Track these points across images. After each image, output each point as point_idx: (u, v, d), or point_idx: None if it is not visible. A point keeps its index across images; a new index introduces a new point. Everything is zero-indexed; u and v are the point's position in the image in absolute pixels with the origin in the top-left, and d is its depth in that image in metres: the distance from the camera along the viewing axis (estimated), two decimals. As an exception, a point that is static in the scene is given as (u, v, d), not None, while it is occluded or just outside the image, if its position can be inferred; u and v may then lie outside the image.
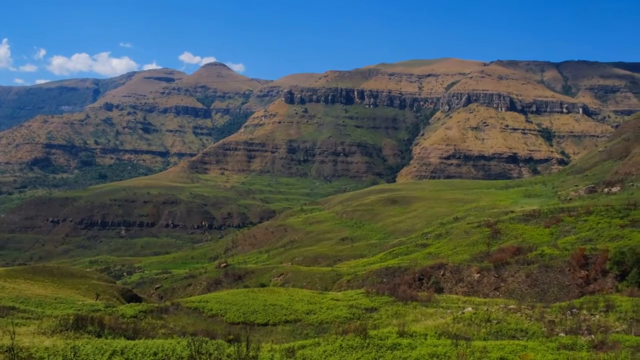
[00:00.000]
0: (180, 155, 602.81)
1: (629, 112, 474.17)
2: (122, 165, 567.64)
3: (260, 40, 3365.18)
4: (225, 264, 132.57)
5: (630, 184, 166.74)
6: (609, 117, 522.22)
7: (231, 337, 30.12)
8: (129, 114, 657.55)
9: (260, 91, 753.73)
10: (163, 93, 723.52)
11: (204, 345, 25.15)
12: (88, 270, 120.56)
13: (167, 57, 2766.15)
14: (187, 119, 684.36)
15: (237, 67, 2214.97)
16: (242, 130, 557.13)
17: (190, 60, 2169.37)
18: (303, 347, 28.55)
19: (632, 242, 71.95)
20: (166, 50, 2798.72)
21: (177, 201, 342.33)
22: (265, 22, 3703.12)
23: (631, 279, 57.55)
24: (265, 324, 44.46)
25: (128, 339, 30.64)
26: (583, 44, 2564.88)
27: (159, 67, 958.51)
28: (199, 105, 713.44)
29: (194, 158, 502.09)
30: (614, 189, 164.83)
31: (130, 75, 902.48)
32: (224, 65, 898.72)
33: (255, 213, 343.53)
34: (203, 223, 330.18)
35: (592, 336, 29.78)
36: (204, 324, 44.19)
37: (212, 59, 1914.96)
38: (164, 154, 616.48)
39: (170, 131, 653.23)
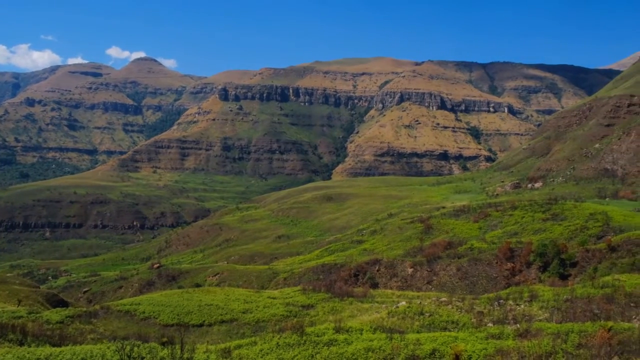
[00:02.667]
0: (110, 153, 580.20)
1: (549, 112, 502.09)
2: (46, 164, 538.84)
3: (193, 36, 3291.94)
4: (158, 265, 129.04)
5: (552, 179, 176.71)
6: (531, 116, 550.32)
7: (165, 339, 29.37)
8: (52, 109, 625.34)
9: (194, 88, 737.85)
10: (90, 88, 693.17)
11: (135, 349, 24.36)
12: (8, 275, 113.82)
13: (94, 51, 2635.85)
14: (117, 115, 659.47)
15: (169, 63, 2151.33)
16: (175, 127, 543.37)
17: (119, 55, 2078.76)
18: (239, 346, 28.25)
19: (553, 235, 76.27)
20: (92, 43, 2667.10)
21: (106, 201, 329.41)
22: (196, 16, 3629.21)
23: (552, 270, 60.98)
24: (201, 325, 43.69)
25: (54, 346, 29.24)
26: (508, 45, 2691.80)
27: (85, 62, 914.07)
28: (129, 102, 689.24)
29: (124, 156, 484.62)
30: (537, 185, 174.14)
31: (53, 69, 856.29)
32: (155, 61, 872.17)
33: (190, 212, 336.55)
34: (134, 223, 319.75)
35: (518, 325, 31.26)
36: (136, 327, 42.81)
37: (141, 54, 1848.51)
38: (92, 152, 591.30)
39: (99, 128, 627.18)
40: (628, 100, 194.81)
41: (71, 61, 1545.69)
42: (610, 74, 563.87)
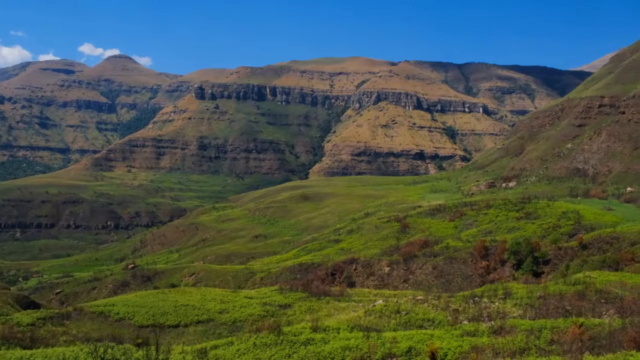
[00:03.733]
0: (83, 152, 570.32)
1: (523, 112, 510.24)
2: (16, 163, 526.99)
3: (168, 34, 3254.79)
4: (133, 265, 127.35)
5: (525, 179, 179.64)
6: (505, 116, 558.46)
7: (139, 340, 29.05)
8: (23, 107, 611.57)
9: (169, 86, 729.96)
10: (62, 86, 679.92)
11: (109, 350, 24.00)
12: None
13: (66, 47, 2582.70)
14: (90, 113, 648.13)
15: (144, 61, 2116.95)
16: (150, 126, 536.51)
17: (92, 52, 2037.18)
18: (216, 347, 28.03)
19: (526, 233, 77.59)
20: (64, 40, 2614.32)
21: (79, 200, 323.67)
22: (172, 14, 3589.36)
23: (526, 268, 62.02)
24: (177, 326, 43.22)
25: (24, 348, 28.63)
26: (483, 46, 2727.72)
27: (57, 58, 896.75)
28: (103, 100, 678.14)
29: (97, 155, 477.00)
30: (511, 184, 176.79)
31: (24, 65, 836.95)
32: (130, 58, 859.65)
33: (165, 212, 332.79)
34: (108, 223, 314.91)
35: (492, 322, 31.66)
36: (110, 328, 42.15)
37: (116, 51, 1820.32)
38: (64, 151, 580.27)
39: (71, 126, 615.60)
40: (598, 102, 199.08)
41: (42, 58, 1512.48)
42: (581, 75, 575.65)
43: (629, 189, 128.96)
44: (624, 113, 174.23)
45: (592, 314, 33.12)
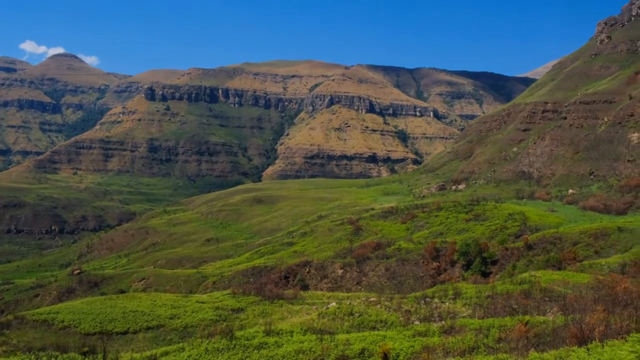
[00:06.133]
0: (25, 153, 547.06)
1: (472, 117, 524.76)
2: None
3: (116, 32, 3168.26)
4: (79, 271, 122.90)
5: (474, 181, 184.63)
6: (455, 120, 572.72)
7: (86, 349, 28.09)
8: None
9: (118, 86, 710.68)
10: (3, 84, 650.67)
11: (53, 360, 23.04)
12: None
13: (6, 45, 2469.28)
14: (33, 113, 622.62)
15: (91, 60, 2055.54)
16: (97, 127, 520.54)
17: (35, 50, 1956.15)
18: (166, 353, 27.37)
19: (475, 235, 79.69)
20: (4, 37, 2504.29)
21: (21, 204, 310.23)
22: (120, 10, 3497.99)
23: (475, 268, 63.65)
24: (125, 332, 41.99)
25: (-40, 361, 27.13)
26: (433, 51, 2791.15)
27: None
28: (47, 99, 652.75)
29: (41, 157, 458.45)
30: (460, 186, 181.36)
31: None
32: (75, 57, 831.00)
33: (113, 215, 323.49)
34: (53, 227, 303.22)
35: (443, 322, 32.25)
36: (54, 337, 40.49)
37: (60, 50, 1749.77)
38: (5, 152, 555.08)
39: (12, 127, 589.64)
40: (542, 107, 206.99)
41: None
42: (526, 81, 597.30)
43: (570, 191, 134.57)
44: (565, 118, 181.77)
45: (537, 312, 34.23)
